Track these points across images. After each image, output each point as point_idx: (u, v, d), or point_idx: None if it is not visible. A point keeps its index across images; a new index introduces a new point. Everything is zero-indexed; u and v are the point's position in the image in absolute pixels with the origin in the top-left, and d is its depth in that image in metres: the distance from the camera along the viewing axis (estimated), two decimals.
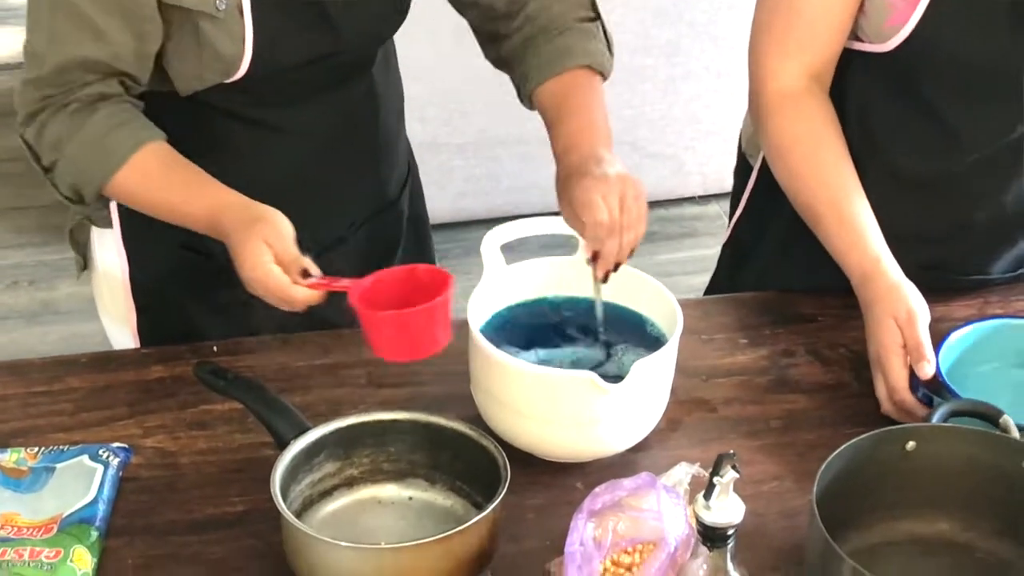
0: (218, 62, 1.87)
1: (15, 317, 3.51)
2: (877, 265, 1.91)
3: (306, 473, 1.71)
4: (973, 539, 1.71)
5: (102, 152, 1.84)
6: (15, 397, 1.90)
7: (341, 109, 2.05)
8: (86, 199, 1.89)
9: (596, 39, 2.02)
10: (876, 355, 1.87)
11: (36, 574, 1.61)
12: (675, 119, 3.75)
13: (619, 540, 1.60)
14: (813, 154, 1.99)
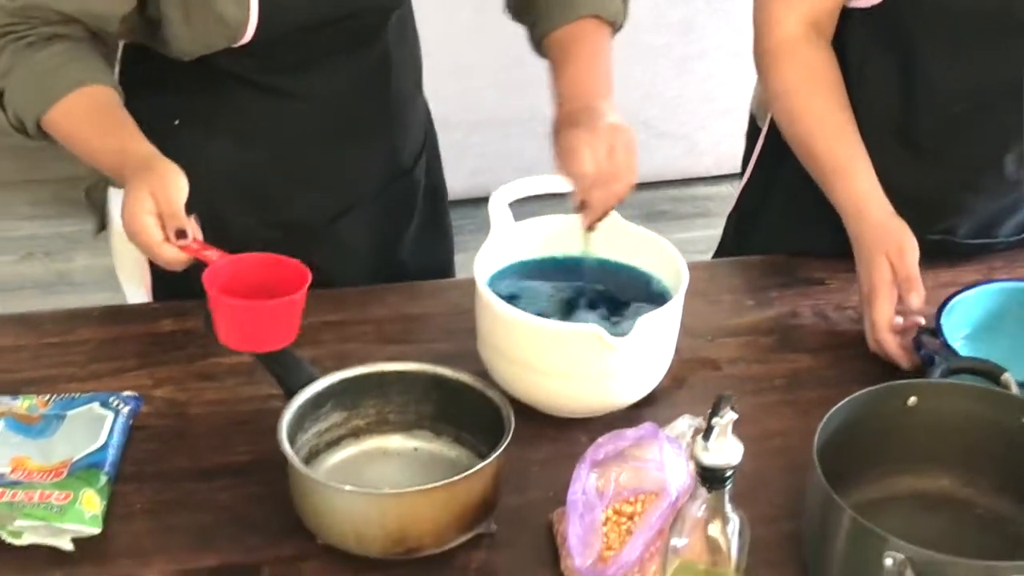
0: (222, 27, 1.85)
1: (30, 287, 3.52)
2: (868, 202, 1.93)
3: (313, 422, 1.72)
4: (973, 495, 1.71)
5: (42, 86, 1.82)
6: (27, 348, 1.91)
7: (353, 75, 2.04)
8: (28, 131, 1.86)
9: None
10: (866, 292, 1.89)
11: (46, 516, 1.62)
12: (688, 98, 3.76)
13: (621, 490, 1.60)
14: (811, 98, 2.01)
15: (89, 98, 1.82)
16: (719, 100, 3.73)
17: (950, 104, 2.02)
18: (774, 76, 2.04)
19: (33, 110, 1.83)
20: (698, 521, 1.39)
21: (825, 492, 1.55)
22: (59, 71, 1.82)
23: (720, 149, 3.78)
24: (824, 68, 2.01)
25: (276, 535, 1.65)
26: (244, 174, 2.01)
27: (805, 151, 2.01)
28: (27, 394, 1.80)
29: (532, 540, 1.67)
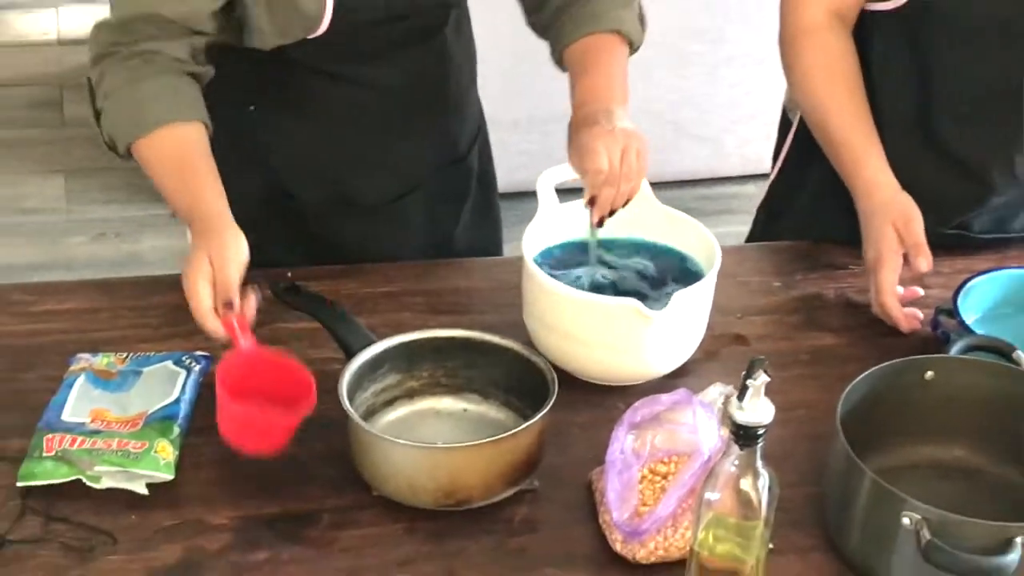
0: (301, 19, 1.87)
1: (104, 265, 3.54)
2: (878, 178, 1.96)
3: (370, 383, 1.75)
4: (984, 464, 1.74)
5: (136, 117, 1.84)
6: (105, 311, 1.93)
7: (415, 67, 2.07)
8: (119, 151, 1.88)
9: (629, 8, 2.03)
10: (872, 259, 1.91)
11: (123, 462, 1.65)
12: (717, 103, 3.75)
13: (656, 451, 1.63)
14: (830, 81, 2.02)
15: (175, 138, 1.83)
16: (745, 105, 3.73)
17: (964, 104, 2.04)
18: (797, 59, 2.05)
19: (125, 137, 1.84)
20: (731, 476, 1.42)
21: (848, 457, 1.59)
22: (152, 104, 1.82)
23: (745, 151, 3.79)
24: (844, 55, 2.02)
25: (335, 486, 1.68)
26: (313, 155, 2.04)
27: (822, 133, 2.03)
28: (105, 351, 1.82)
29: (572, 496, 1.70)
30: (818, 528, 1.68)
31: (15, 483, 1.65)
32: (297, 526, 1.65)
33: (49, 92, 4.16)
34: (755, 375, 1.39)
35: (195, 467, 1.70)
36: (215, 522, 1.64)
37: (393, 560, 1.61)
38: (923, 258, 1.90)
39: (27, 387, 1.80)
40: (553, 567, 1.62)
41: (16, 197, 3.76)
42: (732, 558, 1.46)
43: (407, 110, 2.08)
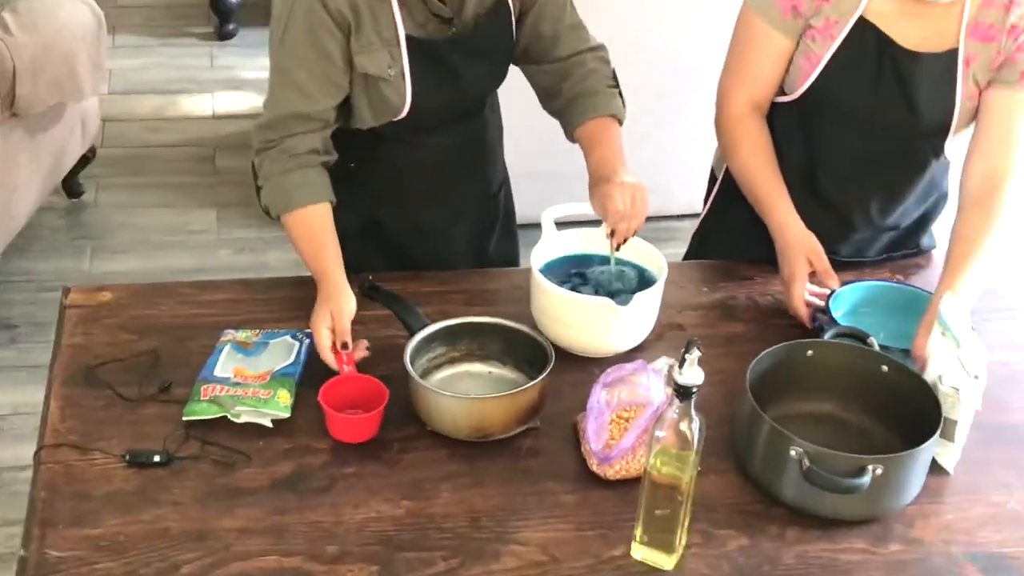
0: (388, 109, 1.87)
1: (240, 270, 3.56)
2: (791, 221, 1.94)
3: (425, 353, 1.75)
4: (847, 415, 1.74)
5: (286, 198, 1.84)
6: (244, 300, 1.93)
7: (463, 134, 2.05)
8: (271, 215, 1.89)
9: (616, 99, 2.03)
10: (788, 278, 1.89)
11: (255, 404, 1.66)
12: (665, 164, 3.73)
13: (621, 403, 1.63)
14: (752, 152, 2.00)
15: (310, 218, 1.84)
16: (685, 166, 3.71)
17: (838, 168, 2.02)
18: (729, 137, 2.02)
19: (276, 210, 1.85)
20: (673, 420, 1.43)
21: (753, 409, 1.60)
22: (296, 191, 1.83)
23: (685, 197, 3.77)
24: (761, 134, 2.00)
25: (401, 422, 1.68)
26: (394, 197, 2.02)
27: (747, 188, 2.01)
28: (244, 328, 1.83)
29: (563, 434, 1.70)
30: (732, 457, 1.68)
31: (182, 418, 1.66)
32: (374, 449, 1.65)
33: (206, 151, 4.17)
34: (691, 351, 1.40)
35: (304, 408, 1.70)
36: (318, 446, 1.65)
37: (439, 474, 1.62)
38: (833, 280, 1.89)
39: (190, 352, 1.79)
40: (550, 481, 1.63)
41: (183, 223, 3.78)
42: (673, 476, 1.46)
43: (458, 164, 2.06)
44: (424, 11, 1.84)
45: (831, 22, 1.90)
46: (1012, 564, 1.55)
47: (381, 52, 1.83)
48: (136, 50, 4.81)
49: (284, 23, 1.80)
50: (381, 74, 1.83)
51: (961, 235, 1.88)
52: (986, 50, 1.90)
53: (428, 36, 1.86)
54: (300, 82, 1.80)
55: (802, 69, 1.94)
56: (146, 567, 1.45)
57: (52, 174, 3.37)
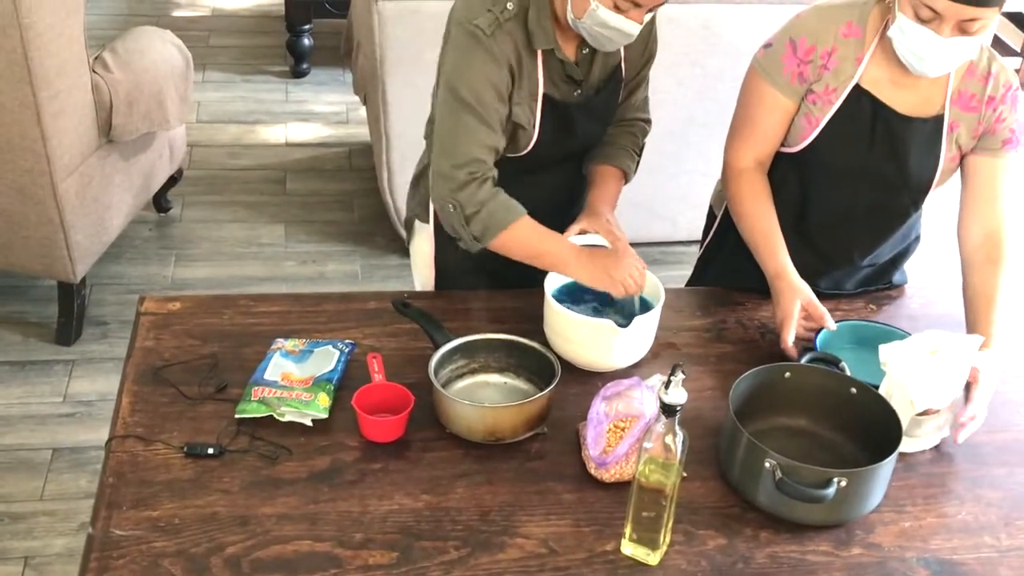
0: (515, 146, 1.88)
1: (303, 279, 3.56)
2: (787, 269, 1.89)
3: (448, 364, 1.74)
4: (819, 430, 1.71)
5: (507, 212, 1.82)
6: (294, 313, 1.92)
7: (563, 176, 2.05)
8: (482, 242, 1.84)
9: (634, 163, 2.06)
10: (781, 320, 1.85)
11: (298, 406, 1.66)
12: (673, 195, 3.70)
13: (618, 414, 1.62)
14: (754, 203, 1.97)
15: (531, 222, 1.84)
16: (689, 198, 3.69)
17: (827, 216, 2.00)
18: (734, 189, 1.99)
19: (497, 229, 1.82)
20: (660, 434, 1.41)
21: (734, 423, 1.58)
22: (513, 205, 1.83)
23: (690, 225, 3.74)
24: (763, 186, 1.97)
25: (424, 425, 1.67)
26: None
27: (748, 235, 1.97)
28: (292, 338, 1.82)
29: (566, 438, 1.69)
30: (714, 465, 1.66)
31: (234, 415, 1.66)
32: (399, 449, 1.64)
33: (278, 174, 4.18)
34: (676, 374, 1.38)
35: (340, 410, 1.69)
36: (351, 444, 1.64)
37: (455, 472, 1.61)
38: (829, 322, 1.85)
39: (245, 357, 1.79)
40: (552, 481, 1.61)
41: (255, 236, 3.79)
42: (659, 483, 1.44)
43: (556, 200, 2.04)
44: (562, 74, 1.86)
45: (830, 89, 1.87)
46: (961, 569, 1.52)
47: (525, 105, 1.84)
48: (222, 84, 4.83)
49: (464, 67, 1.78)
50: (525, 123, 1.85)
51: (979, 291, 1.86)
52: (968, 118, 1.88)
53: (561, 97, 1.87)
54: (488, 119, 1.79)
55: (802, 128, 1.92)
56: (196, 547, 1.45)
57: (142, 193, 3.39)
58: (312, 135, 4.45)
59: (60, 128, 2.82)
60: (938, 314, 2.08)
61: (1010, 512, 1.63)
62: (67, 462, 2.73)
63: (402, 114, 3.37)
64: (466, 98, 1.78)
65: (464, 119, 1.79)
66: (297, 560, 1.44)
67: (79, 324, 3.17)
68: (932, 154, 1.89)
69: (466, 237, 1.86)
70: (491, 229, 1.83)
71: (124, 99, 3.05)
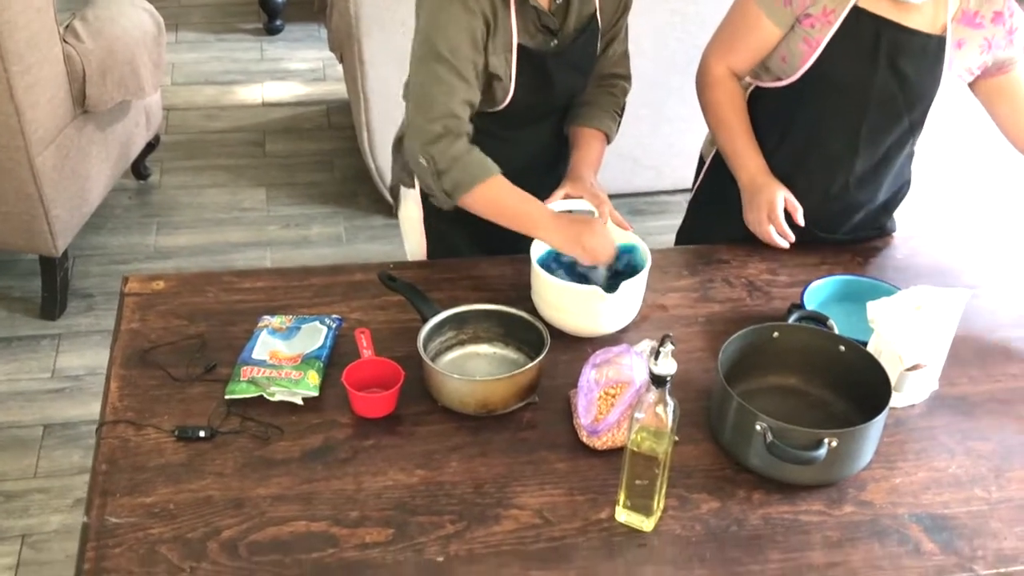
0: (490, 101, 1.87)
1: (287, 244, 3.54)
2: (762, 169, 1.97)
3: (437, 336, 1.73)
4: (809, 388, 1.72)
5: (482, 168, 1.81)
6: (280, 288, 1.91)
7: (544, 133, 2.04)
8: (454, 198, 1.83)
9: (616, 124, 2.07)
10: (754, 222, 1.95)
11: (288, 384, 1.66)
12: (659, 145, 3.68)
13: (608, 381, 1.62)
14: (729, 110, 2.01)
15: (505, 180, 1.83)
16: (676, 147, 3.68)
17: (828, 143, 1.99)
18: (708, 94, 2.03)
19: (469, 185, 1.81)
20: (651, 404, 1.41)
21: (724, 386, 1.58)
22: (487, 162, 1.82)
23: (676, 175, 3.74)
24: (737, 94, 2.02)
25: (415, 399, 1.67)
26: None
27: (721, 142, 2.03)
28: (279, 314, 1.81)
29: (558, 407, 1.69)
30: (706, 428, 1.67)
31: (224, 396, 1.66)
32: (391, 424, 1.64)
33: (256, 136, 4.15)
34: (665, 345, 1.38)
35: (331, 387, 1.69)
36: (342, 421, 1.64)
37: (448, 446, 1.61)
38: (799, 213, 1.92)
39: (232, 335, 1.79)
40: (546, 450, 1.62)
41: (236, 201, 3.76)
42: (651, 451, 1.45)
43: (538, 159, 2.05)
44: (536, 23, 1.85)
45: (828, 10, 1.87)
46: (952, 523, 1.54)
47: (501, 56, 1.82)
48: (195, 44, 4.78)
49: (441, 19, 1.77)
50: (501, 74, 1.83)
51: None
52: (975, 35, 1.88)
53: (536, 47, 1.86)
54: (464, 73, 1.78)
55: (802, 53, 1.91)
56: (192, 531, 1.45)
57: (121, 162, 3.36)
58: (289, 94, 4.40)
59: (33, 102, 2.78)
60: (924, 264, 2.08)
61: (1000, 464, 1.64)
62: (59, 438, 2.73)
63: (379, 72, 3.33)
64: (442, 51, 1.77)
65: (439, 73, 1.78)
66: (294, 541, 1.45)
67: (63, 298, 3.15)
68: (936, 70, 1.89)
69: (438, 193, 1.85)
70: (463, 185, 1.82)
71: (97, 69, 3.00)
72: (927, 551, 1.49)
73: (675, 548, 1.47)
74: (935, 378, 1.75)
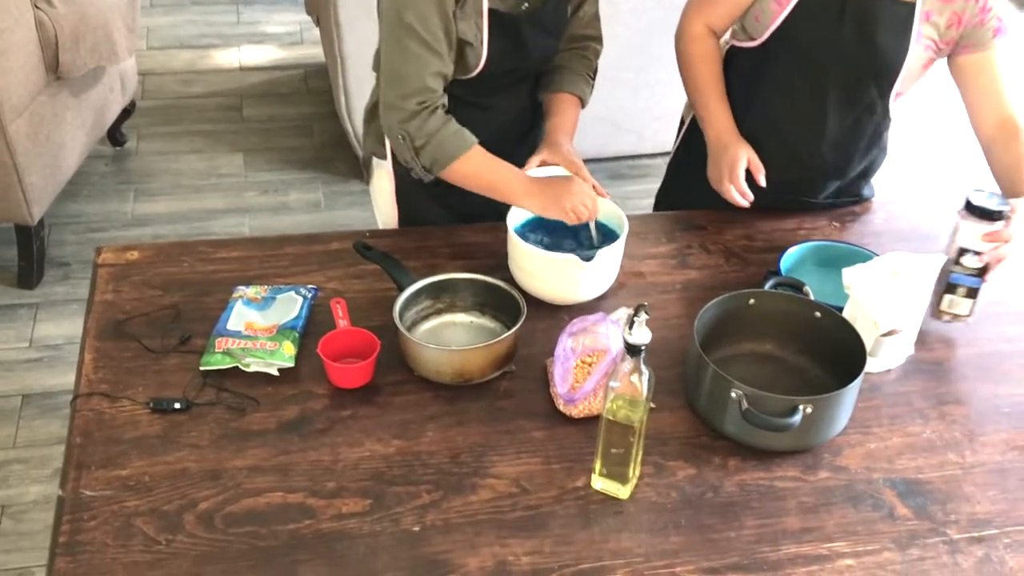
0: (463, 68, 1.84)
1: (265, 209, 3.52)
2: (729, 129, 1.97)
3: (413, 305, 1.73)
4: (785, 355, 1.73)
5: (460, 140, 1.80)
6: (255, 257, 1.90)
7: (519, 99, 2.02)
8: (433, 172, 1.82)
9: (589, 88, 2.05)
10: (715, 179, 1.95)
11: (263, 355, 1.65)
12: (638, 109, 3.67)
13: (585, 349, 1.62)
14: (705, 67, 2.01)
15: (482, 150, 1.83)
16: (655, 111, 3.66)
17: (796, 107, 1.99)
18: (684, 52, 2.03)
19: (448, 159, 1.80)
20: (625, 373, 1.41)
21: (699, 354, 1.58)
22: (464, 133, 1.81)
23: (656, 138, 3.73)
24: (714, 53, 2.02)
25: (392, 369, 1.66)
26: None
27: (693, 100, 2.04)
28: (254, 284, 1.80)
29: (535, 375, 1.69)
30: (683, 395, 1.67)
31: (199, 367, 1.65)
32: (368, 394, 1.64)
33: (233, 100, 4.11)
34: (639, 314, 1.38)
35: (307, 358, 1.68)
36: (319, 392, 1.64)
37: (426, 415, 1.61)
38: (761, 175, 1.92)
39: (207, 307, 1.77)
40: (523, 419, 1.62)
41: (213, 167, 3.74)
42: (626, 419, 1.45)
43: (513, 126, 2.03)
44: None
45: None
46: (926, 488, 1.55)
47: (471, 21, 1.80)
48: (171, 8, 4.72)
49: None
50: (472, 40, 1.80)
51: (1008, 163, 1.88)
52: (945, 10, 1.86)
53: (507, 10, 1.83)
54: (435, 45, 1.76)
55: (772, 12, 1.90)
56: (168, 504, 1.45)
57: (96, 128, 3.33)
58: (266, 58, 4.36)
59: (5, 68, 2.74)
60: (902, 228, 2.09)
61: (974, 428, 1.66)
62: (38, 408, 2.72)
63: (356, 36, 3.30)
64: (411, 23, 1.74)
65: (410, 46, 1.76)
66: (270, 512, 1.45)
67: (40, 267, 3.13)
68: (903, 39, 1.87)
69: (417, 168, 1.85)
70: (441, 160, 1.81)
71: (70, 35, 2.97)
72: (901, 515, 1.50)
73: (651, 515, 1.48)
74: (911, 343, 1.76)
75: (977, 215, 1.73)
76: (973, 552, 1.46)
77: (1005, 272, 1.76)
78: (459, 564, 1.40)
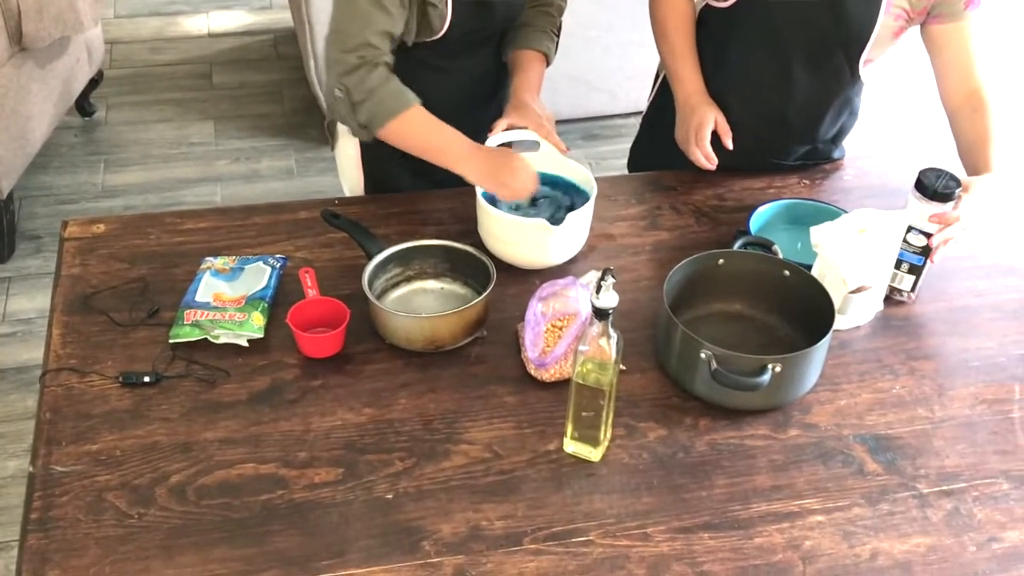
0: (427, 29, 1.82)
1: (237, 178, 3.49)
2: (698, 90, 1.98)
3: (383, 273, 1.72)
4: (754, 314, 1.73)
5: (399, 100, 1.78)
6: (223, 228, 1.88)
7: (485, 60, 2.00)
8: (370, 130, 1.79)
9: (553, 44, 2.03)
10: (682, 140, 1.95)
11: (232, 327, 1.64)
12: (611, 68, 3.66)
13: (555, 313, 1.62)
14: (673, 25, 2.01)
15: (423, 111, 1.80)
16: (627, 70, 3.64)
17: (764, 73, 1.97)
18: (661, 13, 2.02)
19: (386, 116, 1.78)
20: (594, 337, 1.41)
21: (668, 315, 1.58)
22: (406, 93, 1.78)
23: (629, 97, 3.72)
24: (684, 12, 2.01)
25: (363, 337, 1.66)
26: None
27: (664, 59, 2.04)
28: (222, 255, 1.79)
29: (506, 340, 1.68)
30: (653, 356, 1.67)
31: (168, 340, 1.64)
32: (339, 363, 1.63)
33: (203, 68, 4.06)
34: (606, 278, 1.37)
35: (276, 329, 1.68)
36: (290, 362, 1.63)
37: (397, 383, 1.61)
38: (728, 138, 1.92)
39: (175, 278, 1.77)
40: (495, 384, 1.62)
41: (184, 136, 3.70)
42: (596, 382, 1.45)
43: (479, 88, 2.02)
44: None
45: None
46: (896, 443, 1.56)
47: None
48: None
49: None
50: (436, 2, 1.78)
51: (972, 138, 1.86)
52: None
53: None
54: (385, 2, 1.73)
55: None
56: (139, 478, 1.45)
57: (63, 99, 3.29)
58: (235, 23, 4.31)
59: None
60: (871, 185, 2.09)
61: (943, 383, 1.67)
62: (12, 383, 2.71)
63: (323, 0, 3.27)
64: None
65: (360, 2, 1.74)
66: (242, 484, 1.45)
67: (11, 240, 3.11)
68: (872, 8, 1.85)
69: (353, 125, 1.82)
70: (378, 117, 1.78)
71: (33, 4, 2.92)
72: (871, 471, 1.52)
73: (623, 476, 1.49)
74: (879, 300, 1.77)
75: (927, 195, 1.71)
76: (942, 505, 1.47)
77: (950, 252, 1.75)
78: (432, 530, 1.40)
